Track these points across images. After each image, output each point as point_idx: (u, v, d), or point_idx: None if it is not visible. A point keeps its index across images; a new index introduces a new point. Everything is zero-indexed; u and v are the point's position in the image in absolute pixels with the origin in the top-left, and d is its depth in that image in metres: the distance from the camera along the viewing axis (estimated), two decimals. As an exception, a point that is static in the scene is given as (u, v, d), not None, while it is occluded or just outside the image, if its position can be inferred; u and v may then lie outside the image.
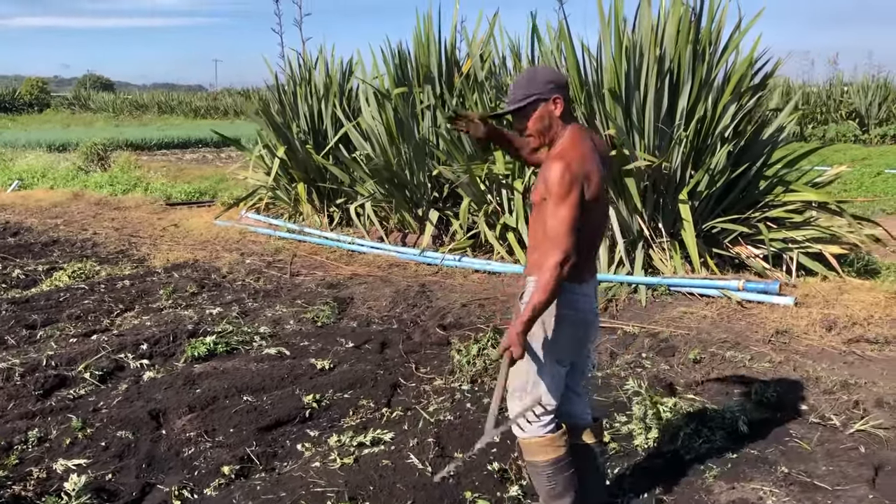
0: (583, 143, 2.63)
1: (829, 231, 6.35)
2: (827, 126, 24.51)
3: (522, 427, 2.80)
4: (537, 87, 2.64)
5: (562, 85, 2.67)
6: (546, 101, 2.64)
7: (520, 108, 2.66)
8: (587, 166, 2.56)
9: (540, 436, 2.77)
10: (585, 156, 2.58)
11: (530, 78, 2.67)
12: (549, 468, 2.78)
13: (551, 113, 2.66)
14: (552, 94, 2.64)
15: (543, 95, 2.64)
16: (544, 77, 2.66)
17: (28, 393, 4.23)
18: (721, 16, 6.32)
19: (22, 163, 16.37)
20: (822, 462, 3.47)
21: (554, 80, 2.66)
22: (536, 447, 2.79)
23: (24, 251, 8.23)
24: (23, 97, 54.60)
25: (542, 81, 2.65)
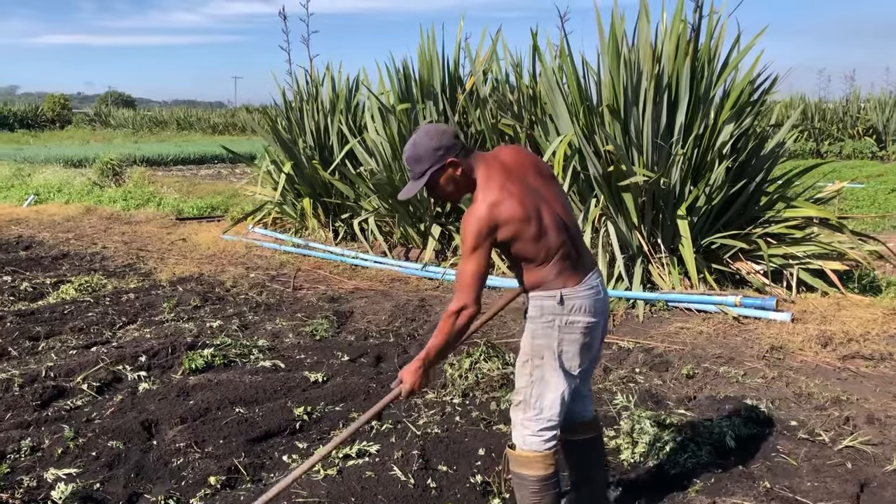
0: (492, 186, 2.61)
1: (829, 247, 6.33)
2: (843, 142, 24.38)
3: (523, 438, 2.79)
4: (427, 160, 2.65)
5: (448, 145, 2.64)
6: (442, 168, 2.65)
7: (424, 185, 2.69)
8: (498, 211, 2.56)
9: (536, 450, 2.77)
10: (496, 202, 2.57)
11: (416, 155, 2.66)
12: (536, 484, 2.79)
13: (452, 175, 2.67)
14: (444, 160, 2.64)
15: (436, 164, 2.64)
16: (428, 147, 2.64)
17: (25, 403, 4.30)
18: (720, 32, 6.36)
19: (39, 178, 16.62)
20: (807, 478, 3.46)
21: (439, 145, 2.63)
22: (528, 461, 2.78)
23: (35, 264, 8.35)
24: (45, 114, 55.52)
25: (429, 151, 2.64)
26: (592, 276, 2.75)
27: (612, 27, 6.33)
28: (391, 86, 8.67)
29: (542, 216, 2.63)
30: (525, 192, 2.62)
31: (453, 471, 3.50)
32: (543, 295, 2.69)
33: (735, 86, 6.32)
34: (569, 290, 2.66)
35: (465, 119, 8.08)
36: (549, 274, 2.66)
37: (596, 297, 2.73)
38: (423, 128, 2.75)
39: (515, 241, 2.61)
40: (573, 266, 2.69)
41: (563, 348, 2.70)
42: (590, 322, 2.70)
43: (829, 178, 13.13)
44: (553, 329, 2.68)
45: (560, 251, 2.65)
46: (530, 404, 2.76)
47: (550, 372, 2.73)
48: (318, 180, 9.45)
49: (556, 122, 6.96)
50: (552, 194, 2.73)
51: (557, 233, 2.65)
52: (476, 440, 3.76)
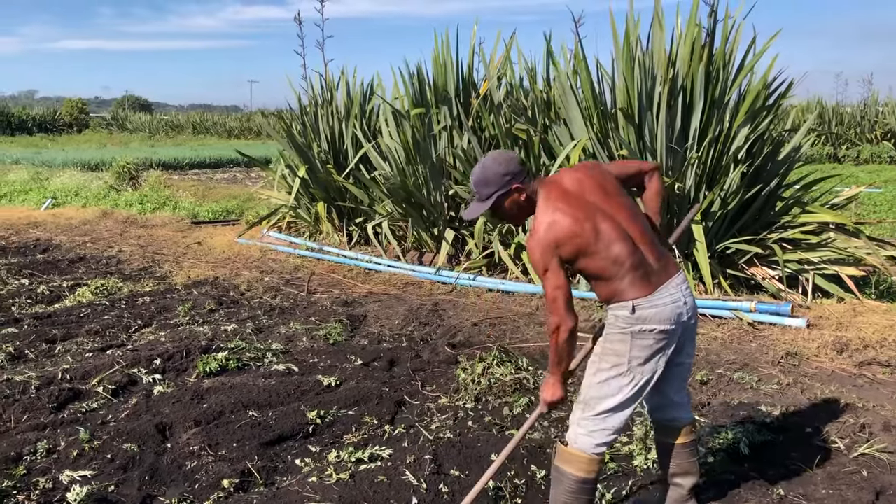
0: (548, 209, 2.72)
1: (846, 252, 6.29)
2: (861, 147, 24.18)
3: (575, 436, 2.85)
4: (494, 184, 2.78)
5: (515, 171, 2.78)
6: (508, 193, 2.79)
7: (489, 209, 2.83)
8: (557, 232, 2.67)
9: (583, 451, 2.82)
10: (552, 222, 2.68)
11: (485, 178, 2.79)
12: (574, 483, 2.84)
13: (517, 200, 2.80)
14: (510, 185, 2.77)
15: (502, 189, 2.78)
16: (496, 172, 2.77)
17: (42, 406, 4.34)
18: (735, 36, 6.33)
19: (57, 182, 16.78)
20: (821, 485, 3.43)
21: (507, 171, 2.76)
22: (573, 459, 2.84)
23: (52, 267, 8.43)
24: (63, 118, 56.06)
25: (497, 176, 2.77)
26: (670, 285, 2.77)
27: (627, 31, 6.32)
28: (405, 90, 8.69)
29: (601, 230, 2.69)
30: (580, 209, 2.71)
31: (465, 476, 3.50)
32: (618, 306, 2.75)
33: (750, 90, 6.29)
34: (641, 299, 2.71)
35: (479, 124, 8.09)
36: (619, 285, 2.72)
37: (673, 304, 2.74)
38: (491, 154, 2.88)
39: (580, 257, 2.70)
40: (645, 276, 2.72)
41: (633, 354, 2.75)
42: (665, 329, 2.73)
43: (845, 183, 13.04)
44: (626, 335, 2.74)
45: (628, 262, 2.70)
46: (590, 405, 2.83)
47: (617, 377, 2.78)
48: (333, 184, 9.49)
49: (570, 126, 6.95)
50: (617, 208, 2.77)
51: (623, 244, 2.70)
52: (488, 445, 3.76)
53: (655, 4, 6.31)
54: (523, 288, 6.92)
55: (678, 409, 3.04)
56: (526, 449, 3.72)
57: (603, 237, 2.68)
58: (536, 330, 5.89)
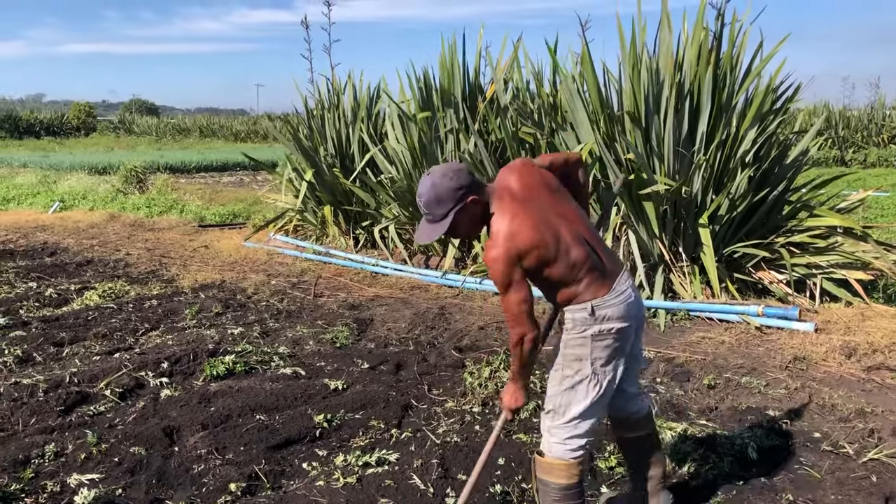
0: (506, 220, 2.63)
1: (854, 257, 6.26)
2: (868, 150, 24.11)
3: (550, 446, 2.83)
4: (450, 200, 2.64)
5: (468, 183, 2.66)
6: (464, 207, 2.66)
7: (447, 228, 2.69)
8: (517, 243, 2.58)
9: (561, 458, 2.80)
10: (513, 234, 2.59)
11: (437, 197, 2.65)
12: (559, 492, 2.82)
13: (472, 213, 2.69)
14: (465, 199, 2.65)
15: (458, 204, 2.65)
16: (449, 188, 2.63)
17: (50, 409, 4.35)
18: (742, 40, 6.32)
19: (64, 185, 16.86)
20: (830, 491, 3.42)
21: (460, 185, 2.64)
22: (553, 468, 2.81)
23: (60, 271, 8.46)
24: (70, 121, 56.32)
25: (451, 191, 2.63)
26: (621, 282, 2.75)
27: (634, 35, 6.32)
28: (412, 94, 8.70)
29: (560, 235, 2.64)
30: (538, 216, 2.64)
31: (472, 480, 3.49)
32: (575, 308, 2.70)
33: (757, 93, 6.28)
34: (599, 300, 2.68)
35: (486, 127, 8.09)
36: (577, 288, 2.68)
37: (627, 301, 2.73)
38: (436, 169, 2.71)
39: (542, 266, 2.63)
40: (601, 276, 2.70)
41: (595, 355, 2.72)
42: (621, 327, 2.71)
43: (853, 187, 12.99)
44: (586, 338, 2.70)
45: (586, 265, 2.67)
46: (559, 413, 2.79)
47: (582, 381, 2.75)
48: (339, 188, 9.50)
49: (576, 130, 6.95)
50: (566, 209, 2.74)
51: (580, 247, 2.67)
52: (495, 449, 3.72)
53: (663, 8, 6.31)
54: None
55: (633, 401, 3.03)
56: (533, 453, 3.70)
57: (562, 242, 2.64)
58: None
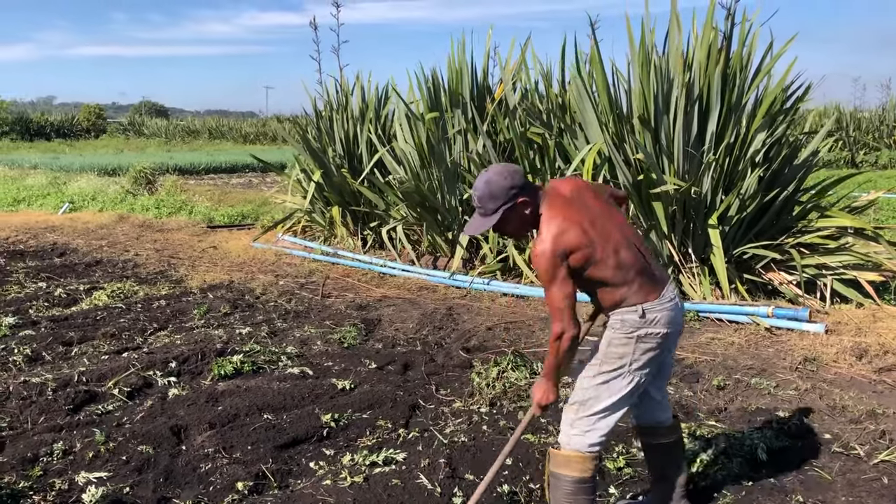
0: (555, 219, 2.71)
1: (865, 257, 6.21)
2: (879, 152, 23.97)
3: (569, 438, 2.87)
4: (501, 198, 2.74)
5: (521, 184, 2.75)
6: (514, 206, 2.75)
7: (495, 223, 2.79)
8: (564, 240, 2.66)
9: (578, 451, 2.83)
10: (561, 232, 2.68)
11: (491, 193, 2.75)
12: (571, 485, 2.84)
13: (522, 213, 2.78)
14: (516, 199, 2.74)
15: (509, 202, 2.75)
16: (502, 186, 2.73)
17: (58, 407, 4.36)
18: (752, 40, 6.29)
19: (74, 186, 16.92)
20: (841, 492, 3.39)
21: (513, 184, 2.74)
22: (567, 460, 2.85)
23: (69, 271, 8.49)
24: (80, 123, 56.57)
25: (503, 190, 2.73)
26: (669, 289, 2.83)
27: (643, 35, 6.30)
28: (420, 95, 8.71)
29: (609, 238, 2.73)
30: (587, 218, 2.73)
31: (480, 480, 3.47)
32: (625, 310, 2.76)
33: (767, 94, 6.24)
34: (650, 304, 2.74)
35: (494, 128, 8.08)
36: (628, 291, 2.74)
37: (674, 308, 2.81)
38: (493, 168, 2.82)
39: (588, 265, 2.70)
40: (651, 281, 2.77)
41: (635, 356, 2.78)
42: (667, 332, 2.78)
43: (864, 189, 12.91)
44: (632, 339, 2.76)
45: (635, 267, 2.75)
46: (586, 406, 2.84)
47: (617, 379, 2.81)
48: (347, 189, 9.50)
49: (585, 130, 6.93)
50: (616, 216, 2.84)
51: (629, 251, 2.75)
52: (503, 449, 3.74)
53: (672, 8, 6.29)
54: (538, 292, 6.89)
55: (662, 409, 3.09)
56: (541, 454, 3.69)
57: (610, 245, 2.71)
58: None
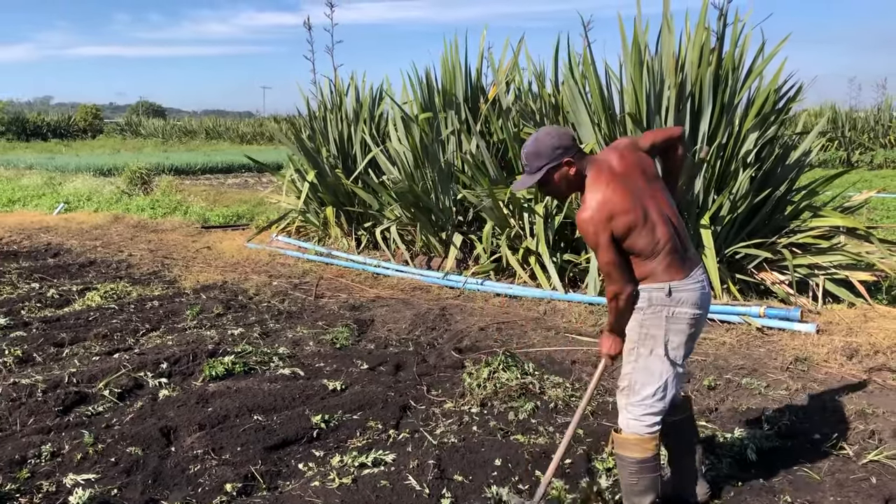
0: (599, 186, 2.82)
1: (857, 257, 6.22)
2: (875, 152, 24.01)
3: (626, 422, 2.98)
4: (546, 156, 2.87)
5: (567, 145, 2.87)
6: (558, 166, 2.88)
7: (538, 180, 2.92)
8: (608, 208, 2.78)
9: (637, 433, 2.95)
10: (605, 199, 2.79)
11: (537, 151, 2.89)
12: (634, 465, 2.96)
13: (566, 174, 2.90)
14: (562, 158, 2.87)
15: (553, 162, 2.87)
16: (548, 144, 2.87)
17: (48, 409, 4.35)
18: (744, 40, 6.30)
19: (69, 187, 16.89)
20: (829, 493, 3.39)
21: (559, 145, 2.86)
22: (629, 443, 2.96)
23: (62, 272, 8.48)
24: (77, 123, 56.45)
25: (549, 149, 2.86)
26: (698, 272, 2.91)
27: (636, 35, 6.30)
28: (414, 95, 8.70)
29: (648, 211, 2.82)
30: (630, 189, 2.82)
31: (468, 481, 3.48)
32: (652, 287, 2.86)
33: (759, 94, 6.25)
34: (676, 282, 2.83)
35: (488, 128, 8.08)
36: (657, 266, 2.83)
37: (702, 290, 2.89)
38: (544, 128, 2.97)
39: (629, 234, 2.80)
40: (681, 260, 2.86)
41: (669, 337, 2.87)
42: (696, 314, 2.87)
43: (858, 188, 12.92)
44: (661, 319, 2.86)
45: (668, 245, 2.83)
46: (634, 390, 2.95)
47: (655, 360, 2.90)
48: (342, 189, 9.50)
49: (578, 130, 6.93)
50: (658, 192, 2.91)
51: (665, 227, 2.83)
52: (492, 450, 3.74)
53: (664, 8, 6.29)
54: (531, 293, 6.89)
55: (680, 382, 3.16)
56: (530, 454, 3.69)
57: (649, 217, 2.81)
58: (543, 335, 5.86)
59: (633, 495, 3.01)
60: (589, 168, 2.88)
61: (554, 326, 6.10)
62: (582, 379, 4.87)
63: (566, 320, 6.24)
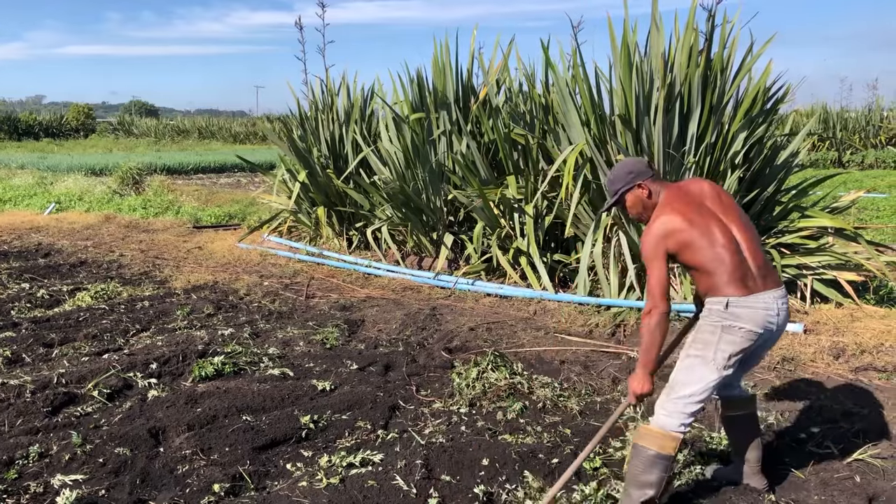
0: (665, 208, 3.11)
1: (845, 258, 6.26)
2: (866, 152, 24.11)
3: (657, 416, 3.11)
4: (621, 181, 3.26)
5: (639, 171, 3.23)
6: (632, 190, 3.24)
7: (615, 202, 3.32)
8: (667, 225, 3.05)
9: (663, 428, 3.07)
10: (666, 220, 3.07)
11: (614, 176, 3.29)
12: (651, 458, 3.06)
13: (639, 196, 3.24)
14: (635, 182, 3.22)
15: (628, 186, 3.24)
16: (623, 171, 3.26)
17: (37, 409, 4.35)
18: (733, 42, 6.32)
19: (61, 186, 16.83)
20: (814, 491, 3.42)
21: (631, 170, 3.24)
22: (652, 435, 3.09)
23: (53, 272, 8.46)
24: (69, 123, 56.18)
25: (624, 174, 3.25)
26: (768, 295, 3.04)
27: (625, 37, 6.32)
28: (405, 96, 8.71)
29: (710, 230, 3.04)
30: (694, 212, 3.07)
31: (456, 481, 3.50)
32: (713, 300, 3.05)
33: (748, 95, 6.28)
34: (735, 298, 2.99)
35: (478, 129, 8.10)
36: (718, 281, 3.02)
37: (766, 312, 3.02)
38: (624, 159, 3.44)
39: (684, 250, 3.04)
40: (744, 279, 3.02)
41: (720, 346, 3.02)
42: (752, 330, 3.01)
43: (847, 188, 12.99)
44: (717, 328, 3.02)
45: (729, 262, 3.01)
46: (674, 389, 3.10)
47: (702, 364, 3.05)
48: (333, 189, 9.50)
49: (567, 131, 6.96)
50: (732, 217, 3.12)
51: (728, 248, 3.03)
52: (480, 450, 3.75)
53: (653, 10, 6.31)
54: (521, 293, 6.91)
55: (735, 388, 3.39)
56: (518, 454, 3.71)
57: (710, 237, 3.02)
58: (532, 335, 5.88)
59: (636, 485, 3.10)
60: (664, 192, 3.19)
61: (543, 326, 6.12)
62: (571, 379, 4.90)
63: (556, 320, 6.26)
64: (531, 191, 7.17)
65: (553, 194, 7.12)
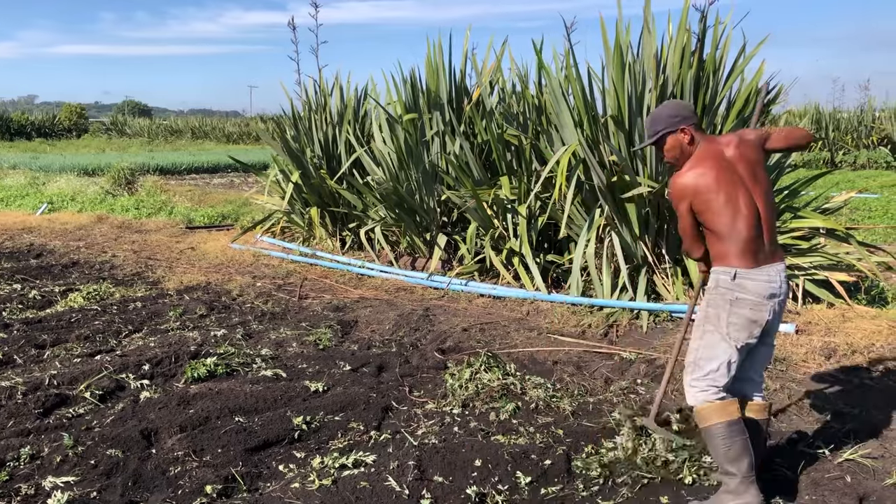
0: (699, 161, 3.11)
1: (836, 258, 6.28)
2: (858, 152, 24.20)
3: (694, 398, 3.19)
4: (664, 122, 3.21)
5: (685, 115, 3.19)
6: (674, 133, 3.20)
7: (654, 142, 3.27)
8: (697, 181, 3.08)
9: (709, 401, 3.14)
10: (696, 175, 3.09)
11: (657, 115, 3.24)
12: (722, 430, 3.10)
13: (680, 141, 3.21)
14: (678, 126, 3.19)
15: (670, 128, 3.20)
16: (669, 112, 3.21)
17: (28, 411, 4.33)
18: (725, 43, 6.34)
19: (53, 187, 16.78)
20: (805, 491, 3.43)
21: (679, 113, 3.19)
22: (708, 412, 3.14)
23: (45, 273, 8.43)
24: (62, 123, 56.00)
25: (668, 116, 3.20)
26: (772, 268, 3.11)
27: (617, 37, 6.33)
28: (398, 96, 8.71)
29: (735, 199, 3.05)
30: (724, 175, 3.07)
31: (449, 482, 3.50)
32: (721, 269, 3.12)
33: (740, 95, 6.30)
34: (744, 270, 3.06)
35: (472, 129, 8.10)
36: (729, 250, 3.07)
37: (769, 284, 3.08)
38: (670, 101, 3.37)
39: (705, 212, 3.09)
40: (755, 252, 3.07)
41: (731, 320, 3.09)
42: (758, 301, 3.07)
43: (840, 188, 13.04)
44: (725, 301, 3.10)
45: (745, 234, 3.05)
46: (699, 365, 3.18)
47: (718, 339, 3.13)
48: (326, 190, 9.50)
49: (560, 132, 6.97)
50: (758, 192, 3.11)
51: (747, 218, 3.05)
52: (473, 451, 3.76)
53: (645, 11, 6.33)
54: (514, 293, 6.92)
55: (752, 386, 3.37)
56: (511, 455, 3.71)
57: (734, 206, 3.04)
58: (525, 335, 5.89)
59: (729, 462, 3.09)
60: (702, 143, 3.16)
61: (536, 327, 6.13)
62: (563, 379, 4.90)
63: (549, 321, 6.27)
64: (524, 191, 7.18)
65: (546, 195, 7.13)
